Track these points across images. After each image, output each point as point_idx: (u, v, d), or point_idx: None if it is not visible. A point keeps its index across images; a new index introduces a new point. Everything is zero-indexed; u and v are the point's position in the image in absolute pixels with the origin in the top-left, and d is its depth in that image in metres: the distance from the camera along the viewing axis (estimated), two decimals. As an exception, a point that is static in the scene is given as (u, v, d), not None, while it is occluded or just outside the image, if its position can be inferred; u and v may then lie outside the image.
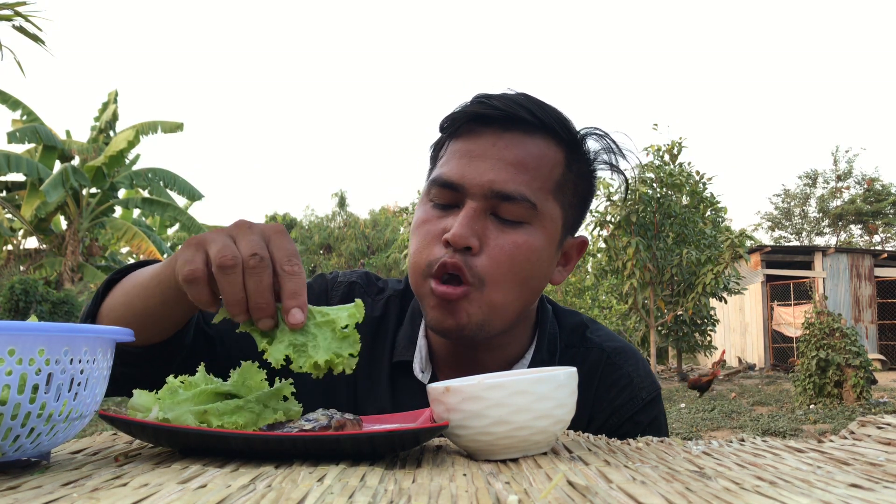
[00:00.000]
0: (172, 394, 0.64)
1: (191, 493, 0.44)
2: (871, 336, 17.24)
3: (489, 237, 0.87)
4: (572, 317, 1.08)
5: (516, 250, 0.87)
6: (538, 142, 0.90)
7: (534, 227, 0.89)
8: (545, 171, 0.90)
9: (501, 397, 0.61)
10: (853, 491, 0.46)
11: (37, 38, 7.65)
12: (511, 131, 0.90)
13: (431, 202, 0.92)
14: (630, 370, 1.02)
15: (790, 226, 32.11)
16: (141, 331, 0.83)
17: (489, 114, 0.90)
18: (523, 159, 0.89)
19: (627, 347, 1.05)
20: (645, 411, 1.00)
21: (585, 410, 0.98)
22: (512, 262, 0.87)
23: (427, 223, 0.91)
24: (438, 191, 0.91)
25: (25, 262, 17.51)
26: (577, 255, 1.00)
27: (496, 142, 0.89)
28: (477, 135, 0.91)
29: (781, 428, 6.86)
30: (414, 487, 0.47)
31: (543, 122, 0.90)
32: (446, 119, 0.94)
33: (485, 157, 0.89)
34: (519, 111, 0.89)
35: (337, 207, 31.98)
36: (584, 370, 1.00)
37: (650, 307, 11.89)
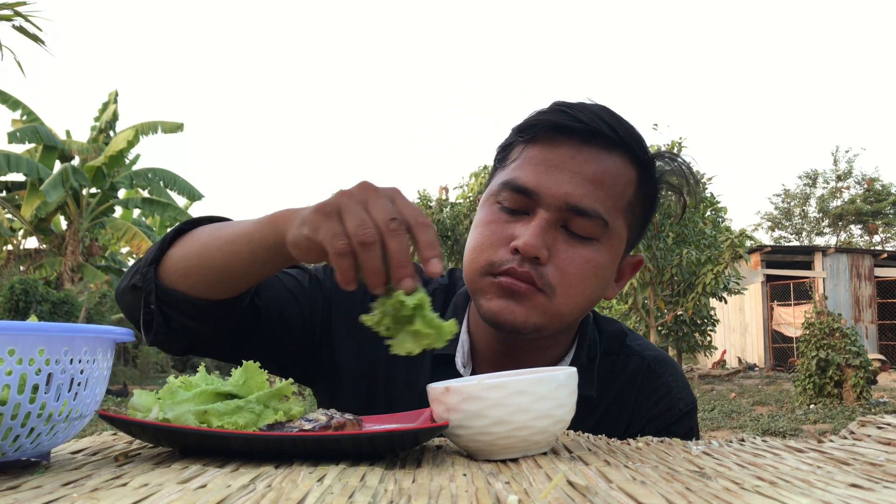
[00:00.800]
0: (172, 394, 0.64)
1: (191, 493, 0.44)
2: (871, 336, 17.24)
3: (558, 250, 0.87)
4: (611, 324, 1.08)
5: (584, 266, 0.88)
6: (616, 159, 0.90)
7: (601, 244, 0.89)
8: (619, 190, 0.90)
9: (501, 397, 0.61)
10: (853, 491, 0.46)
11: (37, 38, 7.64)
12: (590, 145, 0.89)
13: (499, 204, 0.92)
14: (670, 380, 1.03)
15: (790, 226, 32.12)
16: (216, 285, 0.85)
17: (571, 125, 0.89)
18: (601, 176, 0.88)
19: (667, 357, 1.07)
20: (681, 422, 1.01)
21: (624, 416, 1.00)
22: (579, 277, 0.88)
23: (493, 224, 0.91)
24: (510, 195, 0.90)
25: (25, 262, 17.51)
26: (631, 273, 1.01)
27: (575, 155, 0.89)
28: (556, 144, 0.90)
29: (781, 428, 6.86)
30: (414, 487, 0.47)
31: (623, 139, 0.90)
32: (525, 124, 0.93)
33: (563, 169, 0.88)
34: (601, 126, 0.89)
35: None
36: (624, 377, 1.02)
37: (650, 307, 11.88)
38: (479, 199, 10.14)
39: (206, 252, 0.84)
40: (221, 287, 0.85)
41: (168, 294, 0.85)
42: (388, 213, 0.64)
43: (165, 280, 0.86)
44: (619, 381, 1.01)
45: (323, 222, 0.66)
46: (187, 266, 0.85)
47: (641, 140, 0.93)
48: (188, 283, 0.84)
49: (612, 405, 1.00)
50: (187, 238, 0.89)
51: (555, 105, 0.93)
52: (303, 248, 0.69)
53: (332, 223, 0.65)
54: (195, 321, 0.87)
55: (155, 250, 0.88)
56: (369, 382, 1.00)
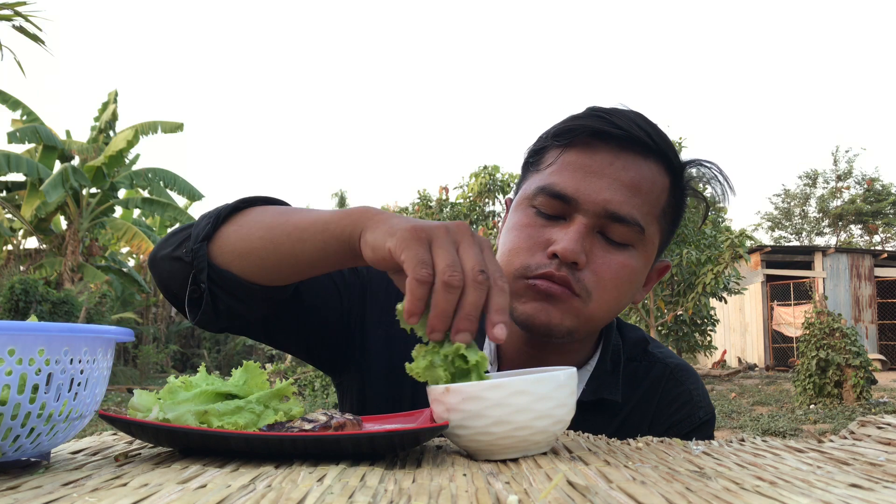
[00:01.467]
0: (172, 394, 0.64)
1: (191, 493, 0.44)
2: (871, 336, 17.24)
3: (595, 255, 0.88)
4: (634, 331, 1.10)
5: (621, 271, 0.89)
6: (652, 165, 0.91)
7: (637, 250, 0.90)
8: (655, 196, 0.91)
9: (501, 397, 0.61)
10: (853, 491, 0.46)
11: (37, 38, 7.64)
12: (628, 151, 0.90)
13: (535, 208, 0.92)
14: (691, 388, 1.04)
15: (790, 226, 32.11)
16: (276, 271, 0.81)
17: (609, 131, 0.89)
18: (638, 182, 0.89)
19: (688, 366, 1.08)
20: (700, 430, 1.02)
21: (645, 422, 1.01)
22: (616, 283, 0.89)
23: (530, 228, 0.91)
24: (547, 200, 0.90)
25: (25, 262, 17.51)
26: (657, 277, 1.02)
27: (613, 161, 0.89)
28: (593, 150, 0.90)
29: (781, 428, 6.86)
30: (414, 487, 0.47)
31: (659, 145, 0.91)
32: (561, 129, 0.93)
33: (601, 175, 0.88)
34: (638, 132, 0.89)
35: (337, 207, 31.99)
36: (646, 383, 1.03)
37: (650, 307, 11.88)
38: (479, 199, 10.08)
39: (272, 236, 0.79)
40: (281, 273, 0.82)
41: (220, 274, 0.81)
42: (478, 264, 0.64)
43: (217, 259, 0.81)
44: (642, 387, 1.03)
45: (413, 244, 0.64)
46: (248, 248, 0.81)
47: (674, 147, 0.94)
48: (244, 266, 0.81)
49: (635, 410, 1.01)
50: (245, 218, 0.84)
51: (590, 110, 0.93)
52: (379, 255, 0.68)
53: (421, 249, 0.64)
54: (244, 304, 0.84)
55: (208, 226, 0.83)
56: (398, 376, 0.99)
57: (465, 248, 0.65)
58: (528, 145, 1.01)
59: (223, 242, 0.82)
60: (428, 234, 0.65)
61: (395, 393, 0.99)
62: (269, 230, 0.80)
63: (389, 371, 1.00)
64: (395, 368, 1.00)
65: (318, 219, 0.77)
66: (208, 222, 0.83)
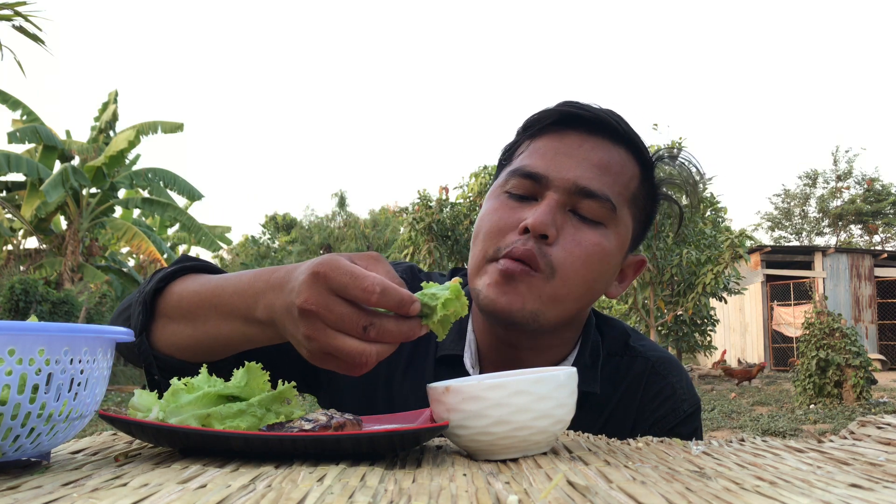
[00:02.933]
0: (175, 396, 0.64)
1: (191, 493, 0.44)
2: (871, 336, 17.24)
3: (566, 232, 0.88)
4: (614, 326, 1.08)
5: (591, 248, 0.88)
6: (621, 151, 0.92)
7: (609, 230, 0.90)
8: (625, 179, 0.92)
9: (501, 397, 0.61)
10: (853, 491, 0.46)
11: (37, 38, 7.64)
12: (597, 135, 0.92)
13: (507, 193, 0.92)
14: (674, 381, 1.02)
15: (790, 226, 32.11)
16: (214, 357, 0.82)
17: (579, 114, 0.91)
18: (608, 163, 0.90)
19: (671, 358, 1.06)
20: (685, 423, 1.01)
21: (629, 418, 1.00)
22: (585, 259, 0.87)
23: (501, 210, 0.91)
24: (518, 181, 0.91)
25: (25, 262, 17.51)
26: (634, 273, 1.01)
27: (582, 143, 0.91)
28: (563, 134, 0.92)
29: (781, 428, 6.86)
30: (414, 487, 0.47)
31: (628, 134, 0.93)
32: (531, 120, 0.95)
33: (571, 156, 0.90)
34: (606, 118, 0.91)
35: (337, 207, 31.96)
36: (628, 379, 1.02)
37: (650, 307, 11.88)
38: (479, 199, 10.13)
39: (197, 336, 0.80)
40: (225, 355, 0.83)
41: (166, 362, 0.83)
42: (352, 318, 0.62)
43: (160, 348, 0.83)
44: (624, 383, 1.01)
45: (318, 346, 0.64)
46: (181, 343, 0.82)
47: (643, 143, 0.96)
48: (186, 356, 0.83)
49: (618, 407, 1.00)
50: (169, 308, 0.83)
51: (560, 102, 0.95)
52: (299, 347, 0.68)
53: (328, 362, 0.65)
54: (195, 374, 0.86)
55: (140, 316, 0.83)
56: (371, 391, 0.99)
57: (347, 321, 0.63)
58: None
59: (159, 336, 0.83)
60: (313, 342, 0.64)
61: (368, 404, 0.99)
62: (194, 326, 0.80)
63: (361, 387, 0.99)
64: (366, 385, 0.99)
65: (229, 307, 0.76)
66: (139, 311, 0.83)
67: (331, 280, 0.63)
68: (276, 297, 0.70)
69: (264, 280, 0.73)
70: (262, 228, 33.71)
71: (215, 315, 0.78)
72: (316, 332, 0.64)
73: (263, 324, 0.73)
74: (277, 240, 32.00)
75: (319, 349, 0.65)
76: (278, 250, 27.14)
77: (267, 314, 0.71)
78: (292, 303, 0.65)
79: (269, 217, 33.86)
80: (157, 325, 0.84)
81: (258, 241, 29.98)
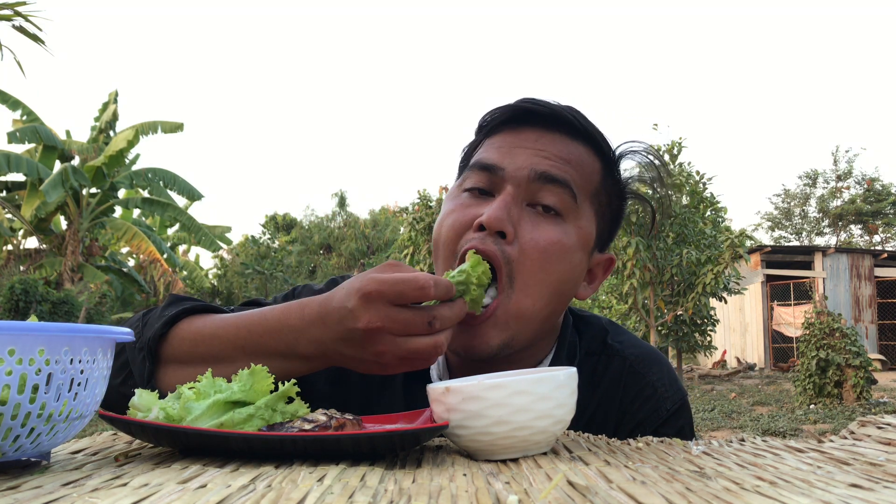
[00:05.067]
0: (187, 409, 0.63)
1: (191, 493, 0.44)
2: (871, 336, 17.23)
3: (523, 228, 0.84)
4: (591, 324, 1.03)
5: (550, 245, 0.84)
6: (580, 146, 0.90)
7: (568, 224, 0.87)
8: (586, 172, 0.89)
9: (501, 397, 0.61)
10: (853, 491, 0.46)
11: (37, 38, 7.64)
12: (554, 131, 0.89)
13: (465, 191, 0.90)
14: (654, 379, 0.97)
15: (790, 226, 32.11)
16: None
17: (535, 110, 0.89)
18: (567, 155, 0.88)
19: (650, 353, 1.00)
20: (669, 423, 0.95)
21: (610, 421, 0.95)
22: (544, 257, 0.84)
23: (457, 210, 0.88)
24: (476, 174, 0.89)
25: (25, 262, 17.50)
26: (604, 273, 0.97)
27: (539, 138, 0.89)
28: (519, 130, 0.90)
29: (781, 428, 6.86)
30: (414, 487, 0.47)
31: (586, 129, 0.90)
32: (486, 117, 0.93)
33: (526, 149, 0.88)
34: (563, 112, 0.89)
35: (337, 207, 31.97)
36: (606, 380, 0.96)
37: (650, 307, 11.88)
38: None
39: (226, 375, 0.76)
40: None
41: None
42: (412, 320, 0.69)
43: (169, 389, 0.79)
44: (603, 385, 0.96)
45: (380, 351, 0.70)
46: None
47: (605, 137, 0.93)
48: None
49: (598, 410, 0.95)
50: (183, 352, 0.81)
51: (517, 99, 0.92)
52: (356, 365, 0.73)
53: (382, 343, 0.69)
54: None
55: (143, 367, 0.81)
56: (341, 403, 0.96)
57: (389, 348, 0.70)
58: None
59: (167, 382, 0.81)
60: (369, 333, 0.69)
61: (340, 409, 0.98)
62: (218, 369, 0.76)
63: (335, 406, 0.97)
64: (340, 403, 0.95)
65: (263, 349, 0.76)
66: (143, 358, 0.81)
67: (385, 294, 0.67)
68: (321, 331, 0.72)
69: (297, 316, 0.74)
70: (262, 228, 33.72)
71: (244, 356, 0.77)
72: (386, 345, 0.69)
73: (307, 358, 0.75)
74: (277, 240, 31.99)
75: (395, 360, 0.69)
76: (278, 250, 27.13)
77: (314, 349, 0.73)
78: (352, 329, 0.69)
79: (269, 217, 33.86)
80: (163, 371, 0.81)
81: (258, 241, 29.96)
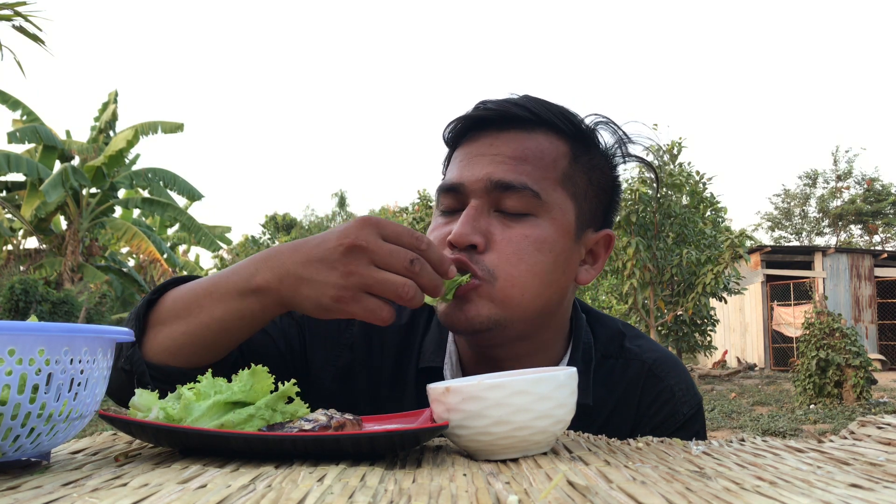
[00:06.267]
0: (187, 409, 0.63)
1: (191, 493, 0.44)
2: (871, 336, 17.23)
3: (494, 233, 0.85)
4: (607, 325, 1.04)
5: (524, 241, 0.85)
6: (538, 137, 0.89)
7: (540, 218, 0.87)
8: (548, 163, 0.88)
9: (501, 397, 0.61)
10: (853, 491, 0.46)
11: (37, 38, 7.64)
12: (508, 131, 0.89)
13: (441, 212, 0.92)
14: (672, 383, 0.98)
15: (790, 226, 32.12)
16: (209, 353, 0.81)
17: (485, 116, 0.90)
18: (522, 153, 0.88)
19: (669, 357, 1.02)
20: (686, 427, 0.96)
21: (626, 425, 0.96)
22: (521, 255, 0.85)
23: (435, 231, 0.91)
24: (444, 197, 0.91)
25: (25, 262, 17.50)
26: (605, 251, 0.96)
27: (493, 141, 0.89)
28: (475, 139, 0.91)
29: (781, 428, 6.86)
30: (414, 487, 0.47)
31: (541, 116, 0.89)
32: (445, 129, 0.95)
33: (482, 156, 0.88)
34: (514, 110, 0.89)
35: (337, 207, 31.98)
36: (624, 382, 0.98)
37: (650, 307, 11.88)
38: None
39: (191, 328, 0.80)
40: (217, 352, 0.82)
41: (160, 371, 0.81)
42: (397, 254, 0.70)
43: (153, 357, 0.81)
44: (620, 388, 0.97)
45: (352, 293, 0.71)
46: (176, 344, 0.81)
47: (568, 115, 0.92)
48: (180, 359, 0.81)
49: (614, 413, 0.96)
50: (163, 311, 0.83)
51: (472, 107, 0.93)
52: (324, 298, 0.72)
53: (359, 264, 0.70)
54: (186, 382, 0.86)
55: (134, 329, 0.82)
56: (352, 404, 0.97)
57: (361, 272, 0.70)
58: None
59: (152, 344, 0.82)
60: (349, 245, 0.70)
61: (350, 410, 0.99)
62: (187, 321, 0.80)
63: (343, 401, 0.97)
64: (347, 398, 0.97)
65: (224, 287, 0.78)
66: (132, 325, 0.83)
67: (383, 227, 0.71)
68: (289, 256, 0.73)
69: (268, 251, 0.76)
70: (262, 228, 33.73)
71: (210, 301, 0.79)
72: (360, 268, 0.69)
73: (260, 292, 0.75)
74: (277, 240, 31.99)
75: (358, 285, 0.69)
76: (278, 250, 27.13)
77: (271, 275, 0.74)
78: (333, 247, 0.70)
79: (269, 217, 33.87)
80: (149, 336, 0.83)
81: (258, 241, 29.98)
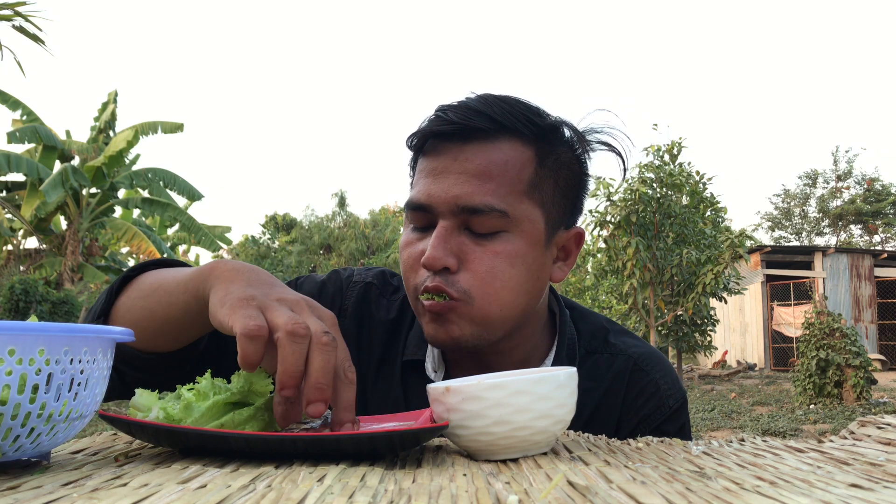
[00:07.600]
0: (188, 410, 0.63)
1: (191, 493, 0.44)
2: (871, 336, 17.23)
3: (467, 252, 0.86)
4: (591, 321, 1.05)
5: (496, 259, 0.86)
6: (502, 146, 0.88)
7: (511, 233, 0.87)
8: (513, 175, 0.87)
9: (501, 397, 0.61)
10: (853, 491, 0.46)
11: (37, 38, 7.64)
12: (471, 142, 0.88)
13: (411, 225, 0.92)
14: (657, 377, 0.99)
15: (790, 226, 32.12)
16: (158, 337, 0.81)
17: (443, 130, 0.88)
18: (486, 168, 0.86)
19: (654, 352, 1.03)
20: (671, 420, 0.98)
21: (612, 419, 0.97)
22: (495, 272, 0.86)
23: (409, 245, 0.91)
24: (412, 214, 0.91)
25: (25, 262, 17.50)
26: (577, 247, 0.97)
27: (457, 156, 0.88)
28: (438, 152, 0.89)
29: (781, 428, 6.87)
30: (414, 487, 0.47)
31: (503, 124, 0.87)
32: (409, 137, 0.94)
33: (448, 173, 0.87)
34: (475, 120, 0.87)
35: (337, 207, 31.94)
36: (609, 376, 0.98)
37: (650, 307, 11.87)
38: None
39: (148, 304, 0.81)
40: (164, 339, 0.82)
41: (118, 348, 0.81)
42: (323, 328, 0.63)
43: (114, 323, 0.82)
44: (605, 381, 0.98)
45: (242, 309, 0.64)
46: (133, 319, 0.82)
47: (530, 115, 0.89)
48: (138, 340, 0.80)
49: (600, 408, 0.97)
50: (132, 288, 0.85)
51: (435, 110, 0.91)
52: (216, 324, 0.67)
53: (253, 311, 0.64)
54: (147, 375, 0.85)
55: (102, 301, 0.85)
56: None
57: (305, 316, 0.64)
58: None
59: (117, 315, 0.84)
60: (260, 301, 0.65)
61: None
62: (145, 298, 0.81)
63: None
64: None
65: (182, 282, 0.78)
66: (104, 298, 0.85)
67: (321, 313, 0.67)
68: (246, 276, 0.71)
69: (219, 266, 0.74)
70: (262, 228, 33.71)
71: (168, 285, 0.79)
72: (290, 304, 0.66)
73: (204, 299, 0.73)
74: (277, 240, 32.00)
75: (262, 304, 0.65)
76: (278, 250, 27.15)
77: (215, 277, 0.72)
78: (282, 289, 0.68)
79: (269, 217, 33.84)
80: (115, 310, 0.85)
81: (258, 241, 29.97)
